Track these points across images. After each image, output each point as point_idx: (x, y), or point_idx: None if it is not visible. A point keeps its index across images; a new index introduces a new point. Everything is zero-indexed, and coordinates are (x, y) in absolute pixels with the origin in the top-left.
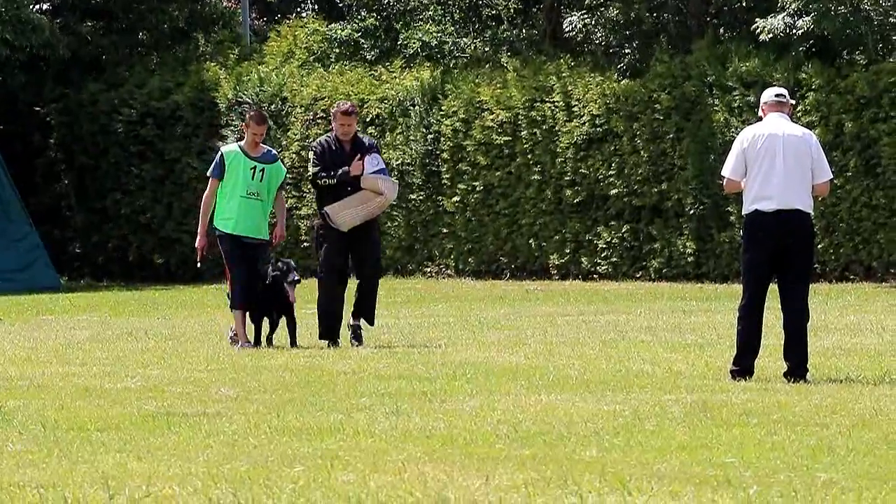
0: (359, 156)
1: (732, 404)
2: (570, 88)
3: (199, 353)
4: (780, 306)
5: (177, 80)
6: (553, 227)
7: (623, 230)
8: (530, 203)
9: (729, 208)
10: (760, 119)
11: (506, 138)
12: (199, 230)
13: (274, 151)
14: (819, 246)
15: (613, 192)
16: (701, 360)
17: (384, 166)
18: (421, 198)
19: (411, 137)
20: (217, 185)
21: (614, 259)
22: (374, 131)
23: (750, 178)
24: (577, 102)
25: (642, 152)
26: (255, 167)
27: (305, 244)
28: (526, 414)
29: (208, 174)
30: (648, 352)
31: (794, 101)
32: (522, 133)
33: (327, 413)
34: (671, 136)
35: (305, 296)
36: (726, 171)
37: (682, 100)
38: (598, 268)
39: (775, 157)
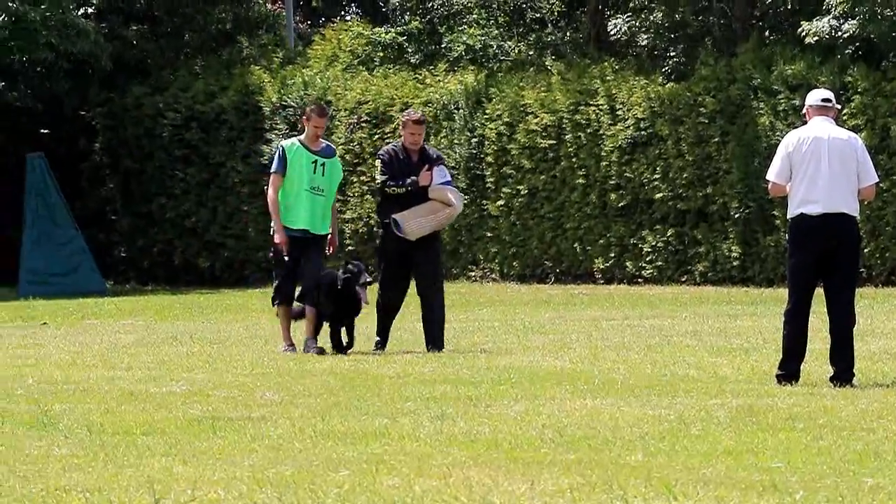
0: (427, 166)
1: (778, 409)
2: (614, 92)
3: (244, 357)
4: (826, 310)
5: (221, 83)
6: (598, 231)
7: (668, 234)
8: (575, 207)
9: (774, 212)
10: (805, 122)
11: (550, 142)
12: (275, 227)
13: (333, 147)
14: (865, 250)
15: (658, 195)
16: (746, 365)
17: (450, 178)
18: (465, 201)
19: (455, 141)
20: (280, 181)
21: (659, 263)
22: None
23: (795, 181)
24: (621, 106)
25: (687, 156)
26: (316, 161)
27: (350, 247)
28: (571, 418)
29: (271, 170)
30: (693, 356)
31: (839, 105)
32: (567, 136)
33: (372, 417)
34: (716, 139)
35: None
36: (771, 174)
37: (727, 103)
38: (642, 272)
39: (820, 161)
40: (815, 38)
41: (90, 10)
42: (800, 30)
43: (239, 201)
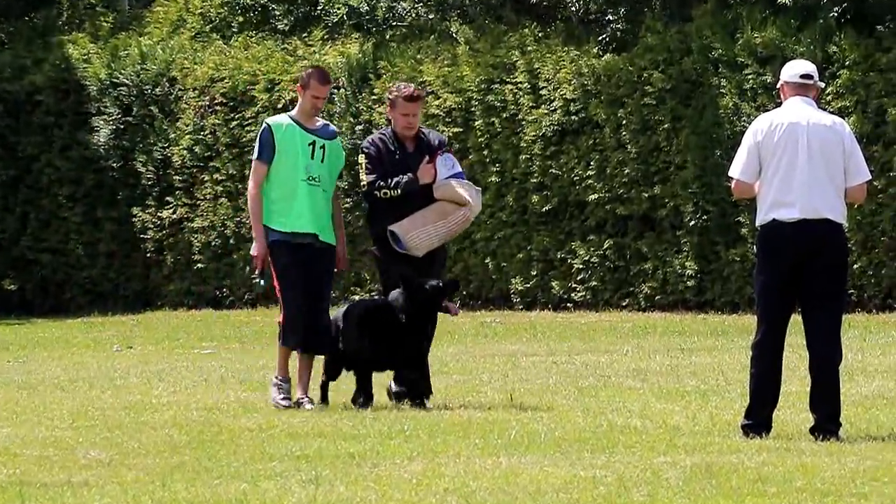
0: (427, 157)
1: (744, 469)
2: (537, 66)
3: (63, 405)
4: (805, 343)
5: (35, 55)
6: (515, 243)
7: (605, 246)
8: (486, 212)
9: (739, 218)
10: (779, 104)
11: (455, 129)
12: (254, 233)
13: (332, 125)
14: (855, 266)
15: (592, 197)
16: (704, 413)
17: (460, 168)
18: (347, 205)
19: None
20: (265, 171)
21: (594, 283)
22: None
23: (765, 179)
24: (546, 84)
25: (629, 147)
26: (314, 143)
27: (201, 264)
28: (481, 481)
29: (254, 157)
30: (637, 402)
31: (822, 84)
32: (476, 123)
33: (227, 481)
34: (666, 125)
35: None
36: (735, 171)
37: (681, 80)
38: (572, 294)
39: (797, 153)
40: None
41: None
42: None
43: (56, 206)
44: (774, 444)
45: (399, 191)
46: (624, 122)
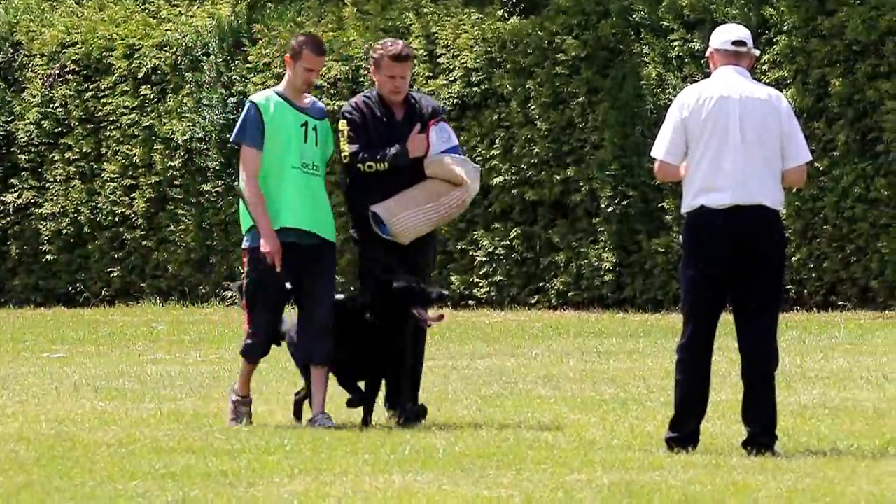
0: (418, 126)
1: (668, 487)
2: (434, 31)
3: None
4: (737, 346)
5: None
6: None
7: (511, 236)
8: None
9: (663, 204)
10: (708, 74)
11: (341, 102)
12: (261, 229)
13: (319, 102)
14: (794, 258)
15: (497, 180)
16: (623, 424)
17: (457, 142)
18: (219, 189)
19: (205, 101)
20: (259, 158)
21: (498, 278)
22: (149, 92)
23: (693, 160)
24: (444, 51)
25: (539, 123)
26: (306, 123)
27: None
28: (372, 502)
29: (243, 140)
30: (548, 412)
31: (757, 51)
32: None
33: (82, 503)
34: (580, 99)
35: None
36: (658, 151)
37: (597, 47)
38: (475, 291)
39: (728, 132)
40: None
41: None
42: None
43: None
44: (702, 460)
45: (386, 164)
46: (533, 94)
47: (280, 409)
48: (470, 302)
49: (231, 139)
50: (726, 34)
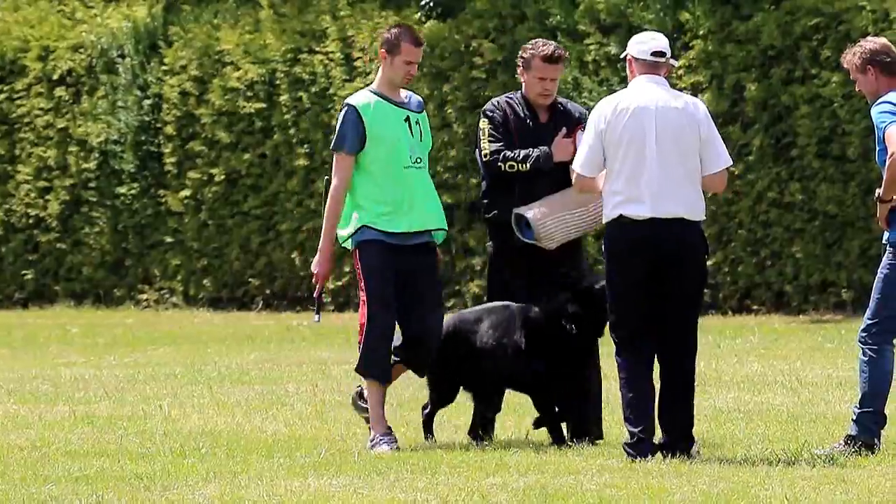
0: (563, 130)
1: (584, 491)
2: (351, 34)
3: None
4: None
5: None
6: None
7: None
8: (293, 200)
9: None
10: (624, 79)
11: (258, 105)
12: (321, 244)
13: (417, 96)
14: (709, 262)
15: None
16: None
17: None
18: (134, 191)
19: (120, 104)
20: (352, 164)
21: None
22: (64, 94)
23: (611, 173)
24: (361, 54)
25: (456, 127)
26: (408, 118)
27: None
28: None
29: (339, 148)
30: (465, 414)
31: (675, 61)
32: (282, 98)
33: None
34: None
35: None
36: (576, 164)
37: (514, 51)
38: None
39: (646, 143)
40: None
41: None
42: None
43: None
44: (617, 464)
45: (528, 165)
46: (449, 98)
47: (195, 413)
48: None
49: (332, 146)
50: (646, 44)
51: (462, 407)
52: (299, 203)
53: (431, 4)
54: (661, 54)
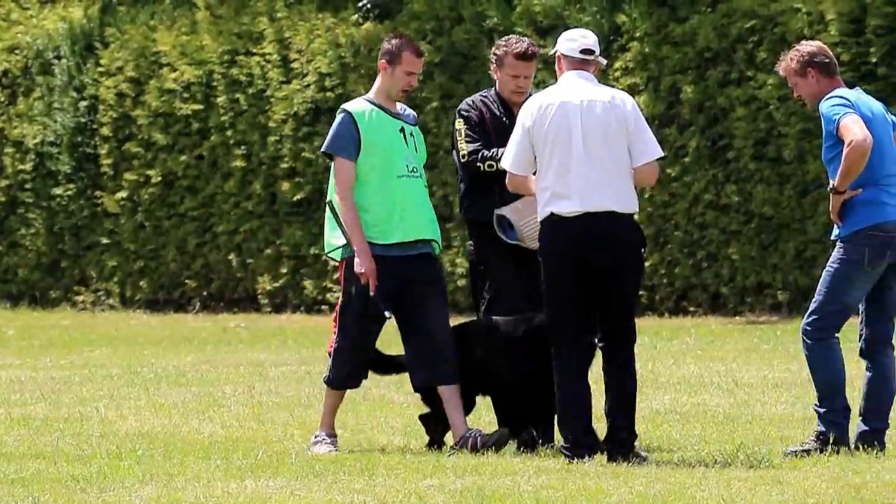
0: None
1: (521, 492)
2: (288, 35)
3: None
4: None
5: None
6: (263, 237)
7: None
8: (230, 202)
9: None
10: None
11: (195, 107)
12: (357, 247)
13: (410, 110)
14: (646, 265)
15: None
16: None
17: None
18: (70, 193)
19: (56, 105)
20: (353, 170)
21: None
22: (0, 95)
23: (541, 169)
24: (298, 55)
25: None
26: (403, 129)
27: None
28: None
29: (329, 150)
30: (401, 417)
31: (604, 60)
32: (219, 100)
33: None
34: (435, 104)
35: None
36: (506, 162)
37: (451, 52)
38: (328, 295)
39: (572, 138)
40: None
41: None
42: None
43: None
44: (554, 465)
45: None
46: None
47: (132, 415)
48: (323, 307)
49: (322, 149)
50: (576, 41)
51: (397, 408)
52: (236, 205)
53: (369, 6)
54: (591, 52)
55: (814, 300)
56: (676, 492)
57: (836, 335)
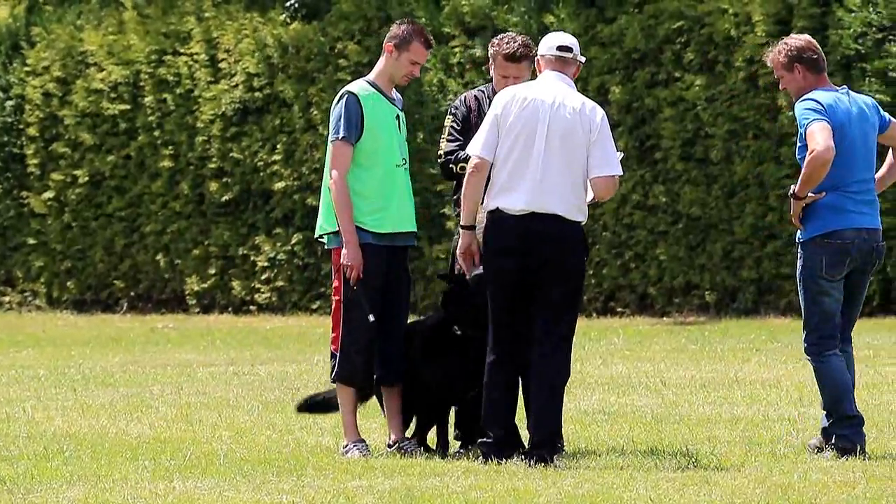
0: None
1: (449, 493)
2: (216, 35)
3: None
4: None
5: None
6: (191, 238)
7: (293, 242)
8: (158, 202)
9: (444, 210)
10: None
11: (122, 107)
12: (344, 235)
13: (398, 94)
14: None
15: (279, 185)
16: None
17: None
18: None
19: None
20: (351, 154)
21: (280, 283)
22: None
23: (499, 159)
24: (226, 55)
25: (321, 129)
26: (398, 116)
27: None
28: None
29: (339, 135)
30: (329, 418)
31: (583, 58)
32: (146, 100)
33: None
34: None
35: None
36: (474, 146)
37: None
38: (256, 296)
39: (535, 136)
40: None
41: None
42: None
43: None
44: (483, 466)
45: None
46: (315, 100)
47: (59, 416)
48: (251, 307)
49: (332, 137)
50: (552, 40)
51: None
52: (164, 205)
53: (296, 6)
54: (568, 49)
55: (803, 317)
56: (604, 492)
57: (835, 345)
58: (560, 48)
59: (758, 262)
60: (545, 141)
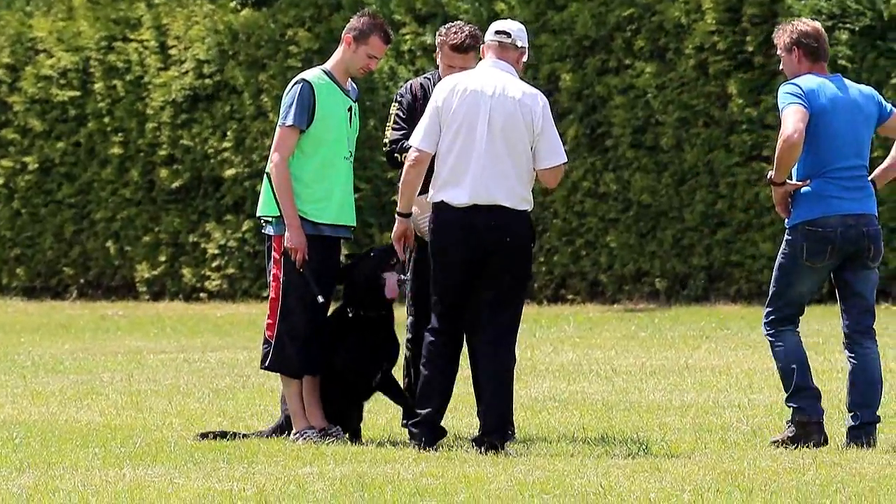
0: None
1: (401, 480)
2: (166, 22)
3: None
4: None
5: None
6: (141, 225)
7: (244, 229)
8: (108, 189)
9: (396, 198)
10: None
11: (71, 93)
12: (286, 218)
13: (354, 85)
14: None
15: (230, 172)
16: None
17: None
18: None
19: None
20: (296, 141)
21: (231, 271)
22: None
23: (441, 152)
24: (176, 42)
25: (271, 116)
26: (351, 108)
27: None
28: (101, 496)
29: (287, 122)
30: (278, 405)
31: (525, 45)
32: (96, 86)
33: None
34: None
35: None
36: (415, 138)
37: (329, 40)
38: (206, 283)
39: (476, 128)
40: None
41: None
42: None
43: None
44: (434, 453)
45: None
46: (265, 86)
47: (9, 403)
48: (202, 294)
49: (280, 121)
50: (493, 26)
51: (276, 396)
52: (114, 192)
53: None
54: (505, 34)
55: (769, 296)
56: (555, 479)
57: (793, 326)
58: (497, 32)
59: (708, 249)
60: (487, 131)
